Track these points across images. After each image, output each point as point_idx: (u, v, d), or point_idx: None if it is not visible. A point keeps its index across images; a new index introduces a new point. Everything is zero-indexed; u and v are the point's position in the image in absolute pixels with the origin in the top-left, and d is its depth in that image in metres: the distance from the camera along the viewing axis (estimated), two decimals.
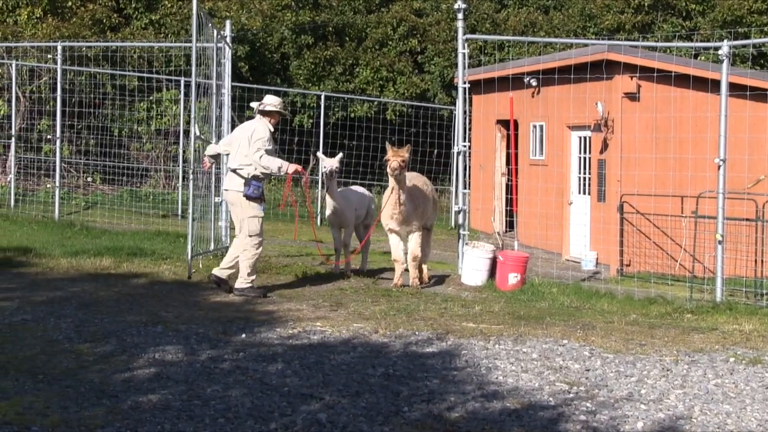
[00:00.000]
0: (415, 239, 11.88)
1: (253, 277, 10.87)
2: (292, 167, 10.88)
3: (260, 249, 10.94)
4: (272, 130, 11.01)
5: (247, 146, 10.74)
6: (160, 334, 8.44)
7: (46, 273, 11.87)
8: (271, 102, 11.04)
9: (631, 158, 14.73)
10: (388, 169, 11.40)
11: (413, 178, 12.26)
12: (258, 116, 11.05)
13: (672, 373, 7.63)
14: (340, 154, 12.83)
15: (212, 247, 13.38)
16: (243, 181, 10.70)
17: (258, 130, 10.84)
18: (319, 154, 13.54)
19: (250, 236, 10.73)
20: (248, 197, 10.68)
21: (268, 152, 10.73)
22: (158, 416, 5.95)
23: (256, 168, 10.69)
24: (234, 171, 10.82)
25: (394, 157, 11.29)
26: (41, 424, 5.71)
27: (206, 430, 5.76)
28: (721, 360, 8.19)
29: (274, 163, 10.72)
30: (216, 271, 11.04)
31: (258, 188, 10.71)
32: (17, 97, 20.06)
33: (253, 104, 11.28)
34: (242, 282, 10.82)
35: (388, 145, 11.56)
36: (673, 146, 14.37)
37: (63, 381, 6.70)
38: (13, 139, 19.50)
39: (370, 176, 22.53)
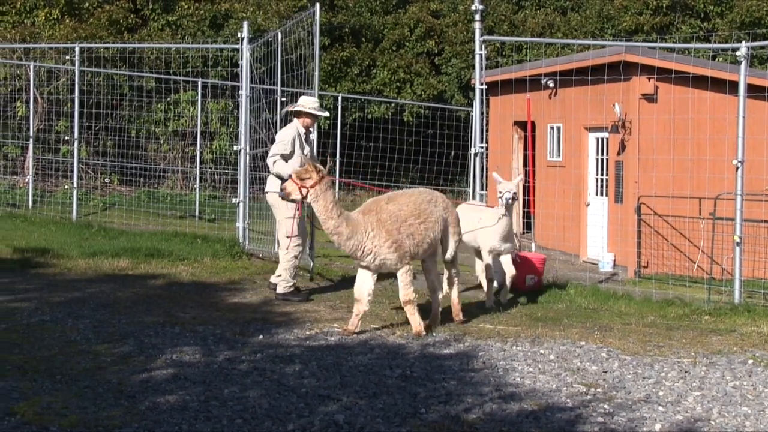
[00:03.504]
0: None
1: (295, 280, 10.86)
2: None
3: (300, 250, 10.89)
4: (303, 131, 10.87)
5: (272, 148, 10.80)
6: (177, 335, 8.46)
7: (64, 274, 11.92)
8: (301, 102, 10.93)
9: (648, 160, 14.67)
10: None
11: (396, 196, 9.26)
12: (294, 119, 10.97)
13: (690, 375, 7.59)
14: (520, 176, 12.17)
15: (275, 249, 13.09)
16: (280, 182, 10.57)
17: (281, 133, 10.83)
18: (495, 175, 11.03)
19: (288, 237, 10.69)
20: (282, 197, 10.56)
21: (286, 157, 10.61)
22: (176, 417, 5.96)
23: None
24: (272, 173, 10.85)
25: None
26: (59, 424, 5.73)
27: (224, 430, 5.76)
28: (740, 362, 8.14)
29: (285, 171, 10.34)
30: (273, 279, 11.06)
31: None
32: (35, 99, 20.15)
33: (288, 107, 11.24)
34: (284, 286, 10.75)
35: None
36: (691, 148, 14.31)
37: (81, 381, 6.72)
38: (31, 140, 19.60)
39: (387, 178, 22.53)
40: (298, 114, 10.89)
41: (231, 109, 22.72)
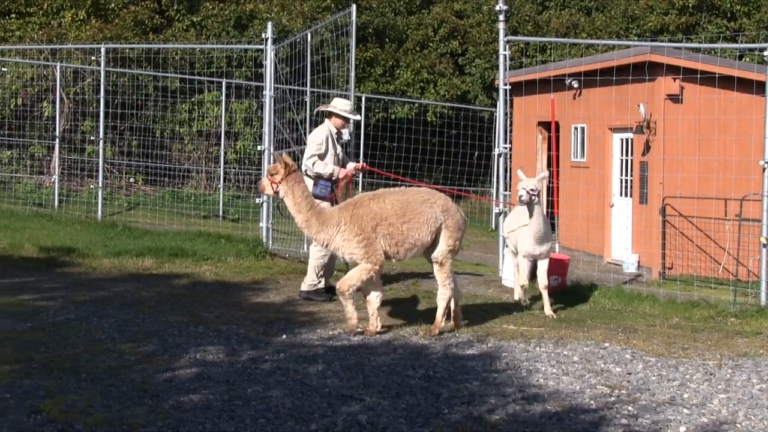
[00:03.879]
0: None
1: (320, 280, 10.84)
2: (343, 172, 10.75)
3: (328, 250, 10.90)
4: (335, 131, 10.90)
5: (306, 149, 10.84)
6: (201, 334, 8.49)
7: (89, 273, 12.00)
8: (333, 104, 11.02)
9: (673, 160, 14.59)
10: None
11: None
12: (326, 119, 11.03)
13: (715, 378, 7.53)
14: (544, 173, 11.41)
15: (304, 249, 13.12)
16: (312, 182, 10.61)
17: (314, 133, 10.88)
18: (519, 172, 10.81)
19: None
20: (316, 197, 10.57)
21: (322, 156, 10.65)
22: (199, 416, 5.98)
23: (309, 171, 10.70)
24: (305, 173, 10.85)
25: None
26: (84, 422, 5.76)
27: (247, 430, 5.77)
28: (766, 365, 8.06)
29: (326, 170, 10.57)
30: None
31: (326, 187, 10.60)
32: (61, 99, 20.29)
33: (321, 107, 11.32)
34: (308, 284, 10.77)
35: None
36: (717, 148, 14.22)
37: (105, 380, 6.76)
38: (57, 140, 19.74)
39: (410, 178, 22.48)
40: (329, 114, 10.95)
41: (255, 110, 22.79)
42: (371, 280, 8.76)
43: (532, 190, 10.06)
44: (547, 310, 10.38)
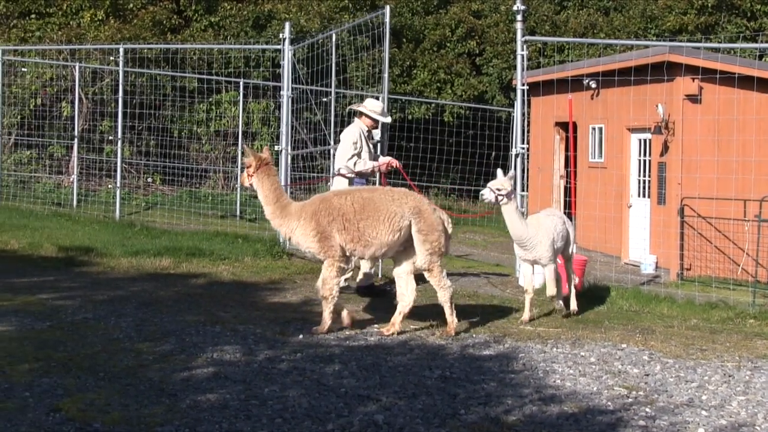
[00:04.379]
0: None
1: (373, 276, 11.19)
2: (383, 161, 11.10)
3: None
4: (366, 129, 11.13)
5: (342, 149, 11.04)
6: (218, 333, 8.51)
7: (107, 272, 12.05)
8: (365, 104, 11.25)
9: (692, 161, 14.52)
10: None
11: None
12: (357, 118, 11.28)
13: (734, 380, 7.49)
14: (511, 172, 10.45)
15: None
16: (347, 181, 10.89)
17: (347, 133, 11.09)
18: (499, 171, 9.88)
19: None
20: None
21: (359, 155, 10.92)
22: (216, 415, 5.99)
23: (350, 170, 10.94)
24: (339, 173, 11.05)
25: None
26: (102, 421, 5.78)
27: (264, 429, 5.78)
28: None
29: (368, 166, 10.96)
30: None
31: (361, 184, 10.86)
32: (80, 99, 20.39)
33: (353, 105, 11.58)
34: (363, 280, 11.11)
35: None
36: (736, 149, 14.15)
37: (123, 379, 6.79)
38: (76, 140, 19.84)
39: (427, 178, 22.49)
40: (360, 113, 11.18)
41: (272, 110, 22.83)
42: (342, 270, 8.87)
43: (498, 189, 9.46)
44: (572, 305, 10.23)
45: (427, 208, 8.88)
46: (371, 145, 11.22)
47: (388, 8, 12.40)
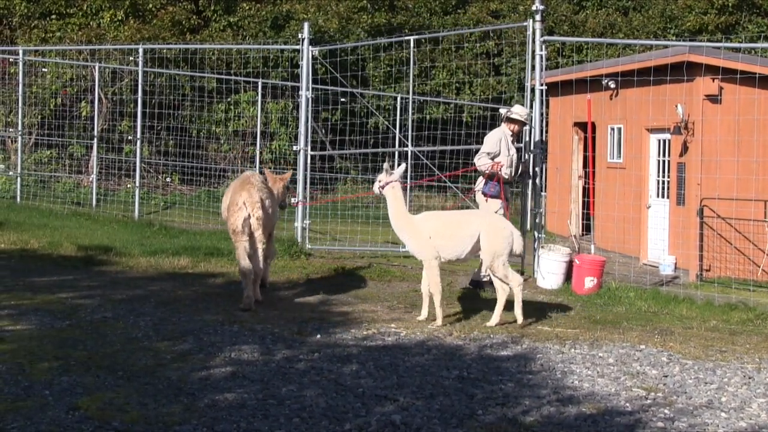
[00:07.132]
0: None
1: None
2: (495, 166, 11.53)
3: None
4: (510, 135, 11.78)
5: (481, 149, 11.71)
6: (236, 333, 8.53)
7: (126, 271, 12.10)
8: (517, 111, 11.77)
9: (711, 161, 14.44)
10: None
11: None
12: (503, 123, 11.86)
13: (754, 381, 7.45)
14: (403, 165, 10.09)
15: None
16: (484, 181, 11.59)
17: (490, 135, 11.81)
18: (385, 165, 9.71)
19: None
20: (484, 194, 11.56)
21: (494, 155, 11.55)
22: (234, 415, 6.01)
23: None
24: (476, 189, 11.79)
25: None
26: (121, 419, 5.81)
27: (281, 429, 5.79)
28: None
29: (484, 166, 11.58)
30: (474, 276, 11.77)
31: (494, 187, 11.47)
32: (99, 99, 20.48)
33: (502, 110, 12.19)
34: (478, 274, 11.53)
35: None
36: (756, 149, 14.06)
37: (142, 378, 6.82)
38: (95, 139, 19.92)
39: (445, 179, 22.41)
40: (508, 119, 11.79)
41: (290, 110, 22.86)
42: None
43: (379, 181, 9.57)
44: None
45: (253, 184, 10.18)
46: (515, 150, 11.88)
47: (412, 39, 12.75)
